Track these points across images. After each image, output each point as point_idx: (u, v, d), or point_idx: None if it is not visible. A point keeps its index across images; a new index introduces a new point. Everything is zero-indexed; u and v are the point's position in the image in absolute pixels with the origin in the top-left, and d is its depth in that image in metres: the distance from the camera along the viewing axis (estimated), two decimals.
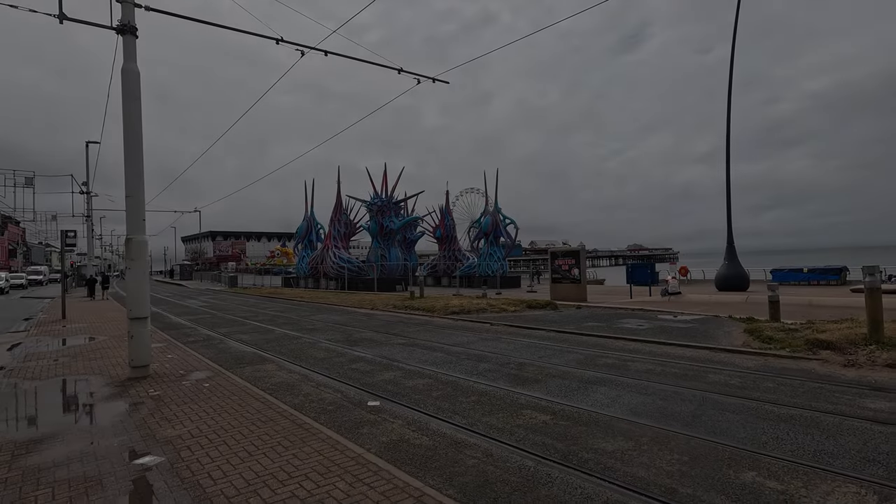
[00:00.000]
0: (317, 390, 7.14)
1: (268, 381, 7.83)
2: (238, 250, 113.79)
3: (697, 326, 11.75)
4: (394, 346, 10.77)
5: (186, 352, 10.33)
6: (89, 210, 34.20)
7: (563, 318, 14.28)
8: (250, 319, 17.02)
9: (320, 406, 6.33)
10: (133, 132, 8.16)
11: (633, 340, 10.35)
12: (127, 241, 8.09)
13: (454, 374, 7.85)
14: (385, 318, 16.21)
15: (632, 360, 8.61)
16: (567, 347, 9.96)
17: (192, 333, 13.75)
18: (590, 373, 7.70)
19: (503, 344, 10.59)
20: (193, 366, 8.83)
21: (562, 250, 23.08)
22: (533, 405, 6.10)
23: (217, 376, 7.96)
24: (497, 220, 41.35)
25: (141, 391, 7.07)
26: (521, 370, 8.05)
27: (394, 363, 8.90)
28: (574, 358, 8.90)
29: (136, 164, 8.17)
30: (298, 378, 7.96)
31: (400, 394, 6.82)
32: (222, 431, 5.23)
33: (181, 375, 8.05)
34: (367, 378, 7.81)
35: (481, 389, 6.91)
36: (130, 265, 8.05)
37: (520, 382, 7.24)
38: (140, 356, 7.98)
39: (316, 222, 44.27)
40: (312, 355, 9.91)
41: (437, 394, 6.76)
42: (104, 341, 11.90)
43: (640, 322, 12.99)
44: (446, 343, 10.91)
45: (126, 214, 8.16)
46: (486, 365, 8.51)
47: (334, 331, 13.44)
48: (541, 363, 8.53)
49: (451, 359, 9.15)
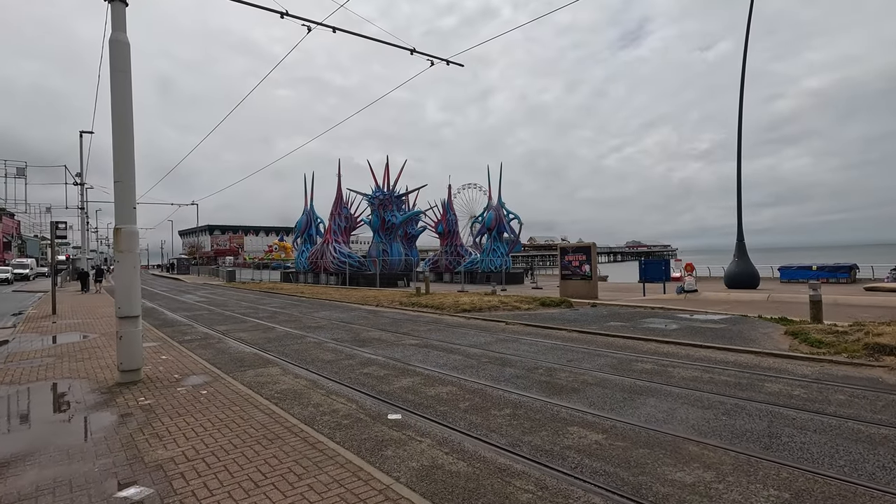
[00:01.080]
0: (328, 399, 6.37)
1: (272, 387, 7.05)
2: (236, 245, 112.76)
3: (730, 327, 11.00)
4: (406, 347, 10.00)
5: (182, 352, 9.55)
6: (83, 202, 33.27)
7: (581, 317, 13.53)
8: (250, 316, 16.22)
9: (334, 420, 5.55)
10: (122, 110, 7.33)
11: (666, 342, 9.60)
12: (116, 231, 7.28)
13: (479, 381, 7.09)
14: (392, 316, 15.43)
15: (671, 364, 7.86)
16: (595, 350, 9.20)
17: (188, 331, 12.96)
18: (629, 380, 6.95)
19: (524, 346, 9.83)
20: (190, 369, 8.05)
21: (572, 246, 22.31)
22: (578, 420, 5.34)
23: (215, 381, 7.18)
24: (500, 215, 40.54)
25: (130, 399, 6.29)
26: (552, 376, 7.29)
27: (409, 367, 8.13)
28: (606, 362, 8.14)
29: (126, 145, 7.35)
30: (306, 384, 7.19)
31: (422, 405, 6.05)
32: (222, 453, 4.45)
33: (176, 380, 7.27)
34: (383, 385, 7.04)
35: (514, 400, 6.15)
36: (119, 257, 7.25)
37: (555, 391, 6.48)
38: (130, 359, 7.19)
39: (316, 216, 43.44)
40: (319, 357, 9.13)
41: (465, 405, 5.99)
42: (94, 340, 11.10)
43: (665, 322, 12.24)
44: (462, 344, 10.15)
45: (115, 201, 7.35)
46: (512, 370, 7.75)
47: (340, 329, 12.65)
48: (572, 368, 7.77)
49: (471, 362, 8.39)
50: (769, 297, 17.11)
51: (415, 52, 11.41)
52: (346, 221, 39.31)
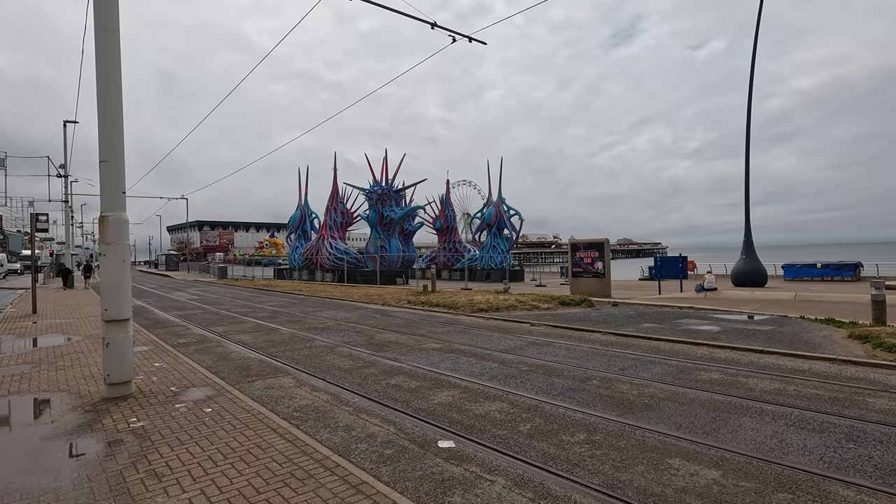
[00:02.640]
0: (358, 420, 5.35)
1: (288, 403, 6.01)
2: (226, 240, 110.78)
3: (778, 329, 10.13)
4: (430, 352, 8.99)
5: (178, 358, 8.46)
6: (67, 194, 31.73)
7: (608, 318, 12.60)
8: (248, 316, 15.09)
9: (373, 449, 4.53)
10: (108, 78, 6.20)
11: (719, 347, 8.70)
12: (102, 220, 6.17)
13: (530, 395, 6.10)
14: (403, 316, 14.39)
15: (739, 373, 6.94)
16: (643, 356, 8.26)
17: (183, 333, 11.82)
18: (704, 393, 6.01)
19: (562, 350, 8.87)
20: (188, 379, 6.98)
21: (584, 242, 21.40)
22: (673, 449, 4.37)
23: (220, 396, 6.13)
24: (501, 211, 39.60)
25: (120, 420, 5.22)
26: (611, 389, 6.32)
27: (442, 377, 7.12)
28: (664, 371, 7.20)
29: (113, 119, 6.23)
30: (327, 399, 6.15)
31: (474, 427, 5.05)
32: (242, 502, 3.43)
33: (173, 394, 6.20)
34: (419, 400, 6.03)
35: (582, 421, 5.17)
36: (106, 250, 6.14)
37: (625, 409, 5.51)
38: (119, 370, 6.10)
39: (310, 211, 42.20)
40: (335, 364, 8.09)
41: (527, 428, 5.00)
42: (78, 343, 9.95)
43: (703, 322, 11.34)
44: (491, 348, 9.16)
45: (100, 185, 6.24)
46: (562, 381, 6.77)
47: (350, 331, 11.60)
48: (629, 379, 6.82)
49: (510, 371, 7.40)
50: (796, 296, 16.34)
51: (435, 26, 10.37)
52: (343, 217, 38.17)
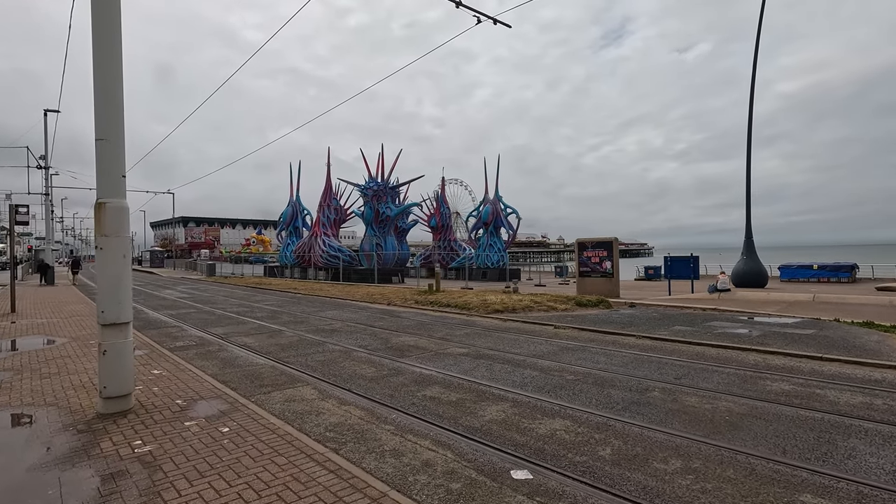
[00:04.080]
0: (406, 442, 4.57)
1: (317, 420, 5.20)
2: (211, 237, 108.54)
3: (821, 333, 9.57)
4: (457, 358, 8.23)
5: (178, 364, 7.58)
6: (48, 187, 30.28)
7: (632, 320, 11.95)
8: (247, 316, 14.17)
9: (436, 481, 3.77)
10: (105, 39, 5.33)
11: (771, 353, 8.08)
12: (98, 207, 5.29)
13: (592, 411, 5.38)
14: (413, 317, 13.60)
15: (810, 384, 6.30)
16: (693, 363, 7.61)
17: (179, 334, 10.89)
18: (787, 408, 5.34)
19: (602, 357, 8.17)
20: (194, 390, 6.13)
21: (591, 241, 20.79)
22: (796, 482, 3.68)
23: (235, 411, 5.31)
24: (498, 209, 39.00)
25: (122, 444, 4.38)
26: (678, 402, 5.63)
27: (482, 388, 6.37)
28: (725, 381, 6.54)
29: (112, 89, 5.36)
30: (361, 415, 5.36)
31: (545, 452, 4.31)
32: None
33: (180, 409, 5.36)
34: (466, 416, 5.27)
35: (667, 443, 4.46)
36: (103, 243, 5.26)
37: (710, 428, 4.81)
38: (118, 381, 5.24)
39: (302, 207, 41.14)
40: (356, 372, 7.29)
41: (607, 453, 4.28)
42: (63, 346, 8.99)
43: (736, 325, 10.75)
44: (523, 354, 8.43)
45: (97, 167, 5.36)
46: (620, 393, 6.06)
47: (361, 333, 10.78)
48: (691, 389, 6.14)
49: (555, 381, 6.67)
50: (814, 298, 15.91)
51: (460, 5, 9.61)
52: (336, 213, 37.20)
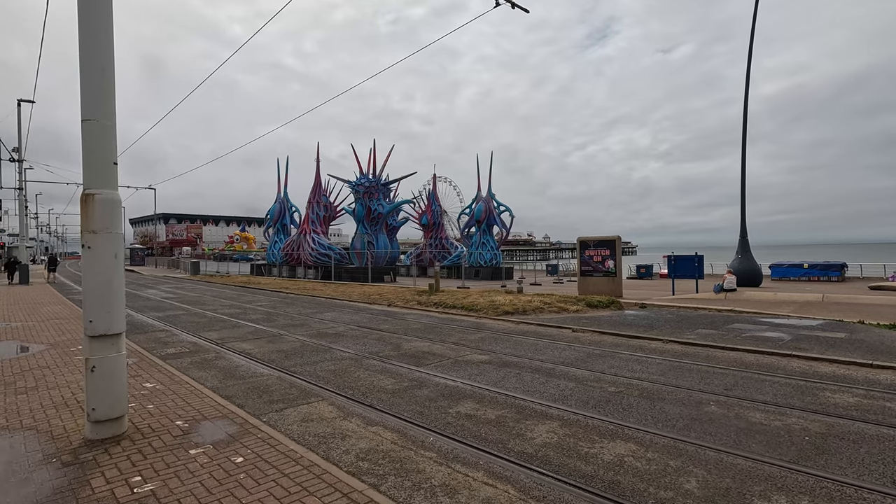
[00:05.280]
0: (456, 475, 3.91)
1: (343, 445, 4.51)
2: (193, 235, 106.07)
3: (859, 338, 9.11)
4: (479, 366, 7.58)
5: (172, 376, 6.81)
6: (21, 181, 28.80)
7: (651, 322, 11.44)
8: (240, 318, 13.33)
9: None
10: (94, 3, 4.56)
11: (815, 359, 7.60)
12: (85, 199, 4.50)
13: (655, 431, 4.77)
14: (418, 320, 12.91)
15: (872, 395, 5.81)
16: (736, 371, 7.08)
17: (169, 340, 10.04)
18: (869, 426, 4.81)
19: (634, 364, 7.60)
20: (195, 407, 5.39)
21: (593, 239, 20.33)
22: None
23: (246, 434, 4.59)
24: (490, 207, 38.54)
25: (116, 480, 3.65)
26: (743, 419, 5.06)
27: (520, 402, 5.73)
28: (781, 392, 6.01)
29: (101, 61, 4.58)
30: (394, 438, 4.68)
31: (624, 487, 3.69)
32: None
33: (183, 433, 4.62)
34: (515, 440, 4.63)
35: (759, 472, 3.88)
36: (91, 241, 4.49)
37: (796, 452, 4.24)
38: (109, 403, 4.48)
39: (290, 204, 40.10)
40: (374, 384, 6.59)
41: (693, 485, 3.67)
42: (42, 355, 8.11)
43: (761, 328, 10.29)
44: (549, 361, 7.82)
45: (83, 152, 4.57)
46: (674, 408, 5.48)
47: (367, 338, 10.07)
48: (749, 403, 5.58)
49: (598, 394, 6.07)
50: (824, 298, 15.65)
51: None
52: (326, 210, 36.23)
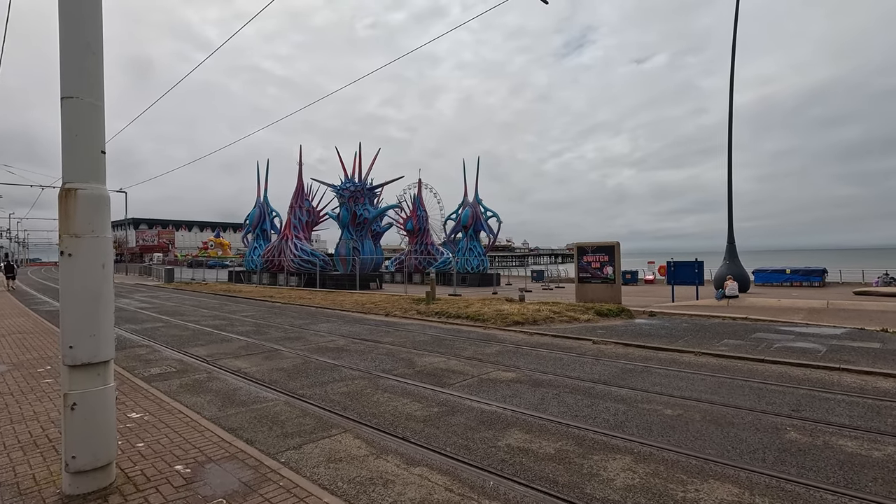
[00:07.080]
0: None
1: (388, 496, 3.71)
2: (165, 241, 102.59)
3: (889, 346, 8.74)
4: (510, 385, 6.84)
5: (162, 403, 5.87)
6: None
7: (668, 332, 10.89)
8: (227, 330, 12.28)
9: None
10: None
11: (867, 373, 7.12)
12: (65, 195, 3.62)
13: (745, 466, 4.11)
14: (422, 331, 12.09)
15: None
16: (792, 389, 6.51)
17: (152, 357, 8.99)
18: None
19: (678, 381, 6.97)
20: (195, 444, 4.51)
21: (591, 245, 19.87)
22: None
23: (265, 481, 3.76)
24: (477, 213, 38.06)
25: None
26: (830, 447, 4.46)
27: (574, 431, 5.01)
28: (859, 415, 5.45)
29: (83, 21, 3.73)
30: (447, 484, 3.89)
31: None
32: None
33: (185, 483, 3.76)
34: (590, 483, 3.90)
35: None
36: (73, 248, 3.61)
37: None
38: (93, 449, 3.61)
39: (271, 209, 38.82)
40: (399, 410, 5.78)
41: None
42: (3, 378, 7.02)
43: (786, 338, 9.83)
44: (584, 378, 7.13)
45: (63, 137, 3.70)
46: (748, 435, 4.84)
47: (374, 352, 9.21)
48: (828, 427, 4.99)
49: (656, 419, 5.40)
50: (828, 304, 15.46)
51: None
52: (309, 215, 35.10)
